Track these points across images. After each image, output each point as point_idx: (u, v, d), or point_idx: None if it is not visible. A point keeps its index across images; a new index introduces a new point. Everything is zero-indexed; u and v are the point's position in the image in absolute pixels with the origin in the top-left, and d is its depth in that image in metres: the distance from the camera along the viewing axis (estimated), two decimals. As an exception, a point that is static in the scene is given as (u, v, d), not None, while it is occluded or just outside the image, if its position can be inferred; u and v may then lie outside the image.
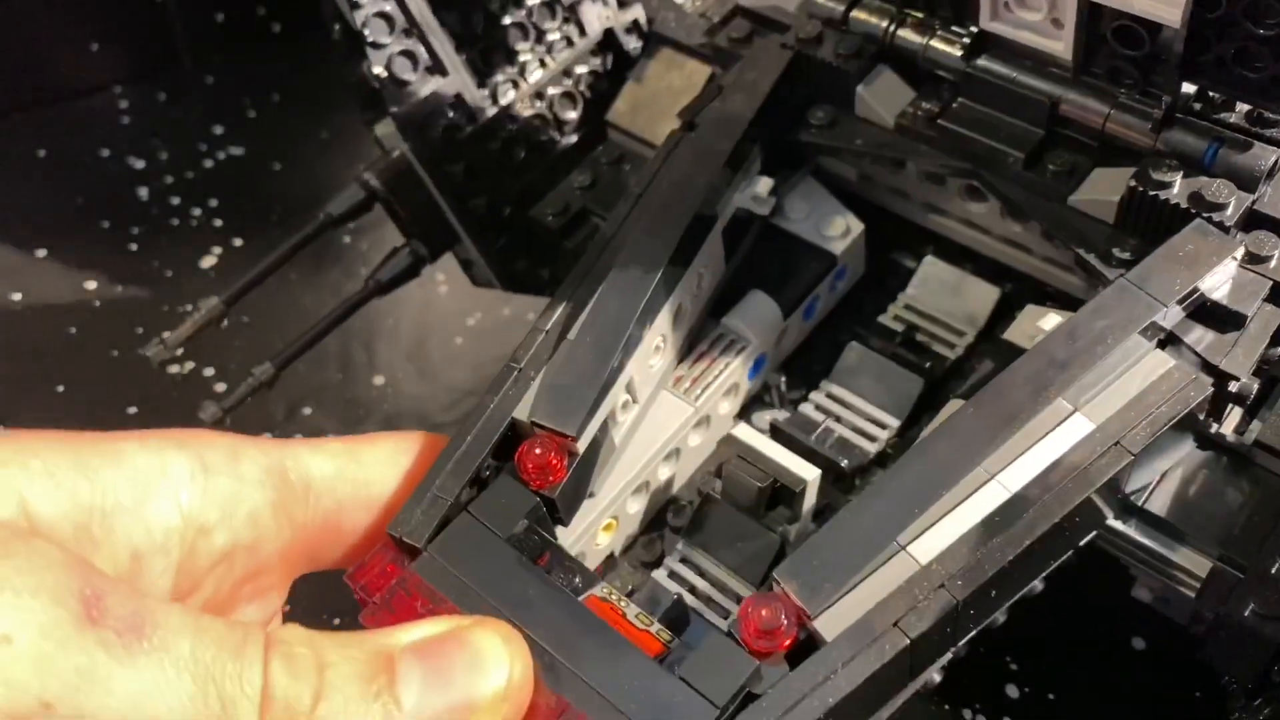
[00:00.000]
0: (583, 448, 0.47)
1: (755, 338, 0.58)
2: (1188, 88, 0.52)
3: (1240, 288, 0.49)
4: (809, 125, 0.62)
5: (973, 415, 0.44)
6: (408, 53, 0.67)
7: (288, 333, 0.73)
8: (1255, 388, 0.49)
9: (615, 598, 0.44)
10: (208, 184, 1.11)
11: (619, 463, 0.53)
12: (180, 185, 1.11)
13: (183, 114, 1.17)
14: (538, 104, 0.73)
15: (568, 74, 0.74)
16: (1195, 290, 0.48)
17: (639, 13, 0.75)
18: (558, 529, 0.48)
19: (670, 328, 0.54)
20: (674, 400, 0.55)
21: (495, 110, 0.71)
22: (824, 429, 0.57)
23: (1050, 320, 0.54)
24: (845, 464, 0.56)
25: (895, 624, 0.40)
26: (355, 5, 0.64)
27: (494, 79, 0.71)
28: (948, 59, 0.58)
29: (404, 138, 0.69)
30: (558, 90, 0.73)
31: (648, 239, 0.52)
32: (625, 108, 0.74)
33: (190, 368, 0.96)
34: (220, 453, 0.41)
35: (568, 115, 0.74)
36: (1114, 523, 0.50)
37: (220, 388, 0.94)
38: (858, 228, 0.62)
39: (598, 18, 0.74)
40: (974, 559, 0.41)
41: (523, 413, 0.46)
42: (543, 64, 0.73)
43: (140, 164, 1.12)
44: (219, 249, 1.05)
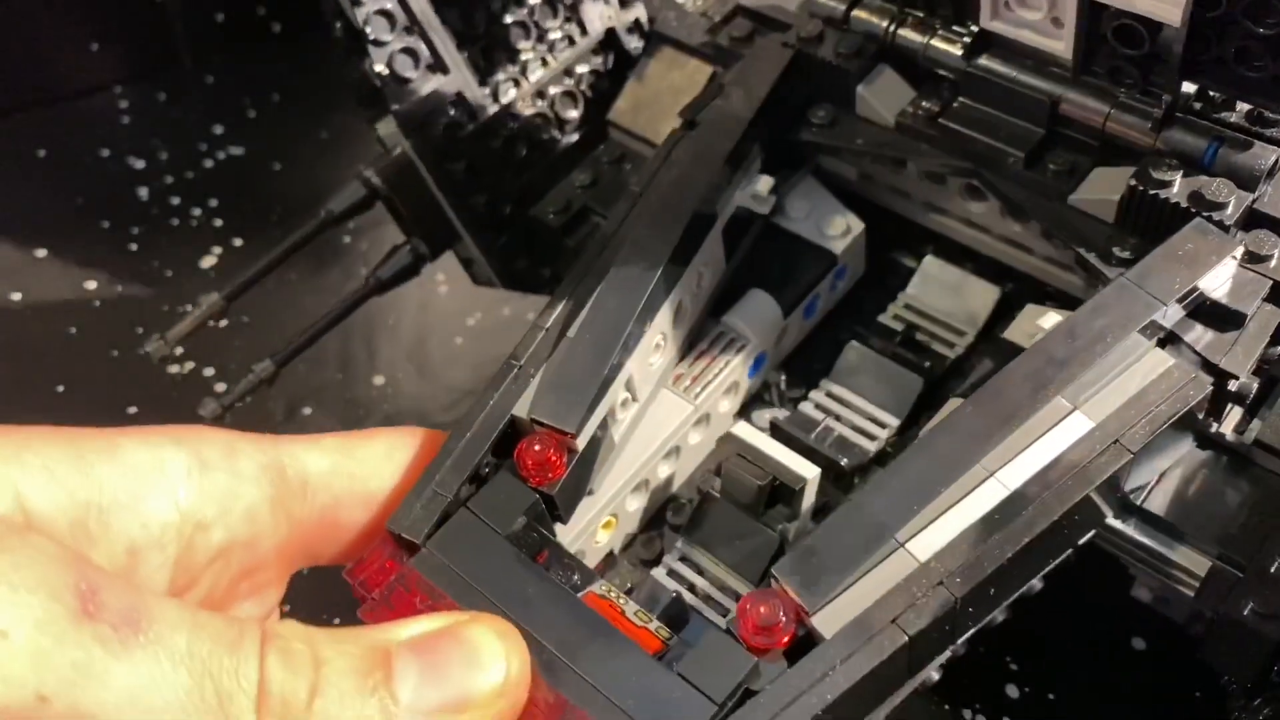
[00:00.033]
0: (582, 445, 0.47)
1: (755, 336, 0.58)
2: (1188, 87, 0.52)
3: (1240, 287, 0.49)
4: (810, 124, 0.62)
5: (972, 413, 0.44)
6: (409, 50, 0.67)
7: (287, 333, 0.73)
8: (1255, 387, 0.49)
9: (614, 595, 0.44)
10: (208, 184, 1.11)
11: (618, 460, 0.52)
12: (180, 185, 1.11)
13: (183, 114, 1.17)
14: (539, 102, 0.73)
15: (569, 73, 0.74)
16: (1195, 289, 0.48)
17: (640, 12, 0.75)
18: (557, 526, 0.48)
19: (670, 326, 0.54)
20: (674, 398, 0.55)
21: (496, 108, 0.71)
22: (823, 427, 0.57)
23: (1050, 319, 0.54)
24: (845, 462, 0.56)
25: (893, 621, 0.40)
26: (357, 3, 0.65)
27: (495, 77, 0.71)
28: (948, 58, 0.58)
29: (405, 135, 0.69)
30: (559, 89, 0.73)
31: (648, 237, 0.52)
32: (626, 107, 0.74)
33: (190, 368, 0.96)
34: (217, 449, 0.41)
35: (569, 114, 0.74)
36: (1113, 522, 0.50)
37: (220, 388, 0.94)
38: (858, 227, 0.62)
39: (599, 17, 0.74)
40: (973, 556, 0.41)
41: (522, 410, 0.46)
42: (544, 62, 0.73)
43: (140, 164, 1.13)
44: (219, 249, 1.05)
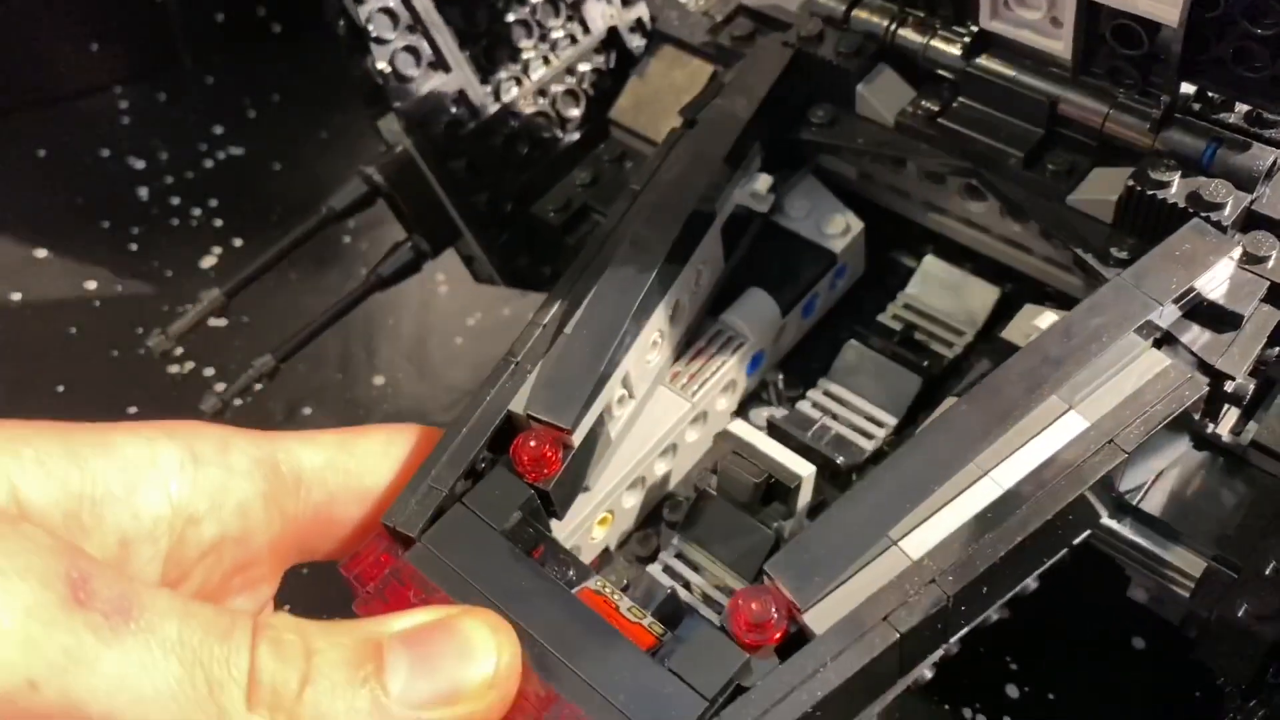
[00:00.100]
0: (578, 441, 0.47)
1: (753, 335, 0.58)
2: (1187, 88, 0.52)
3: (1237, 288, 0.49)
4: (809, 123, 0.62)
5: (966, 411, 0.44)
6: (411, 49, 0.67)
7: (287, 333, 0.73)
8: (1251, 388, 0.49)
9: (609, 591, 0.43)
10: (208, 184, 1.11)
11: (615, 457, 0.52)
12: (180, 185, 1.11)
13: (183, 114, 1.17)
14: (540, 101, 0.73)
15: (571, 71, 0.74)
16: (1192, 289, 0.48)
17: (642, 11, 0.75)
18: (553, 522, 0.48)
19: (668, 324, 0.54)
20: (671, 396, 0.55)
21: (498, 107, 0.71)
22: (820, 426, 0.57)
23: (1047, 319, 0.54)
24: (841, 461, 0.56)
25: (885, 619, 0.40)
26: (360, 1, 0.65)
27: (497, 76, 0.71)
28: (948, 58, 0.58)
29: (407, 133, 0.69)
30: (561, 87, 0.73)
31: (646, 235, 0.52)
32: (628, 105, 0.74)
33: (190, 367, 0.96)
34: (210, 444, 0.41)
35: (570, 112, 0.74)
36: (1109, 522, 0.50)
37: (220, 388, 0.94)
38: (857, 226, 0.62)
39: (601, 15, 0.74)
40: (965, 555, 0.41)
41: (519, 405, 0.46)
42: (546, 61, 0.73)
43: (140, 164, 1.12)
44: (219, 249, 1.05)
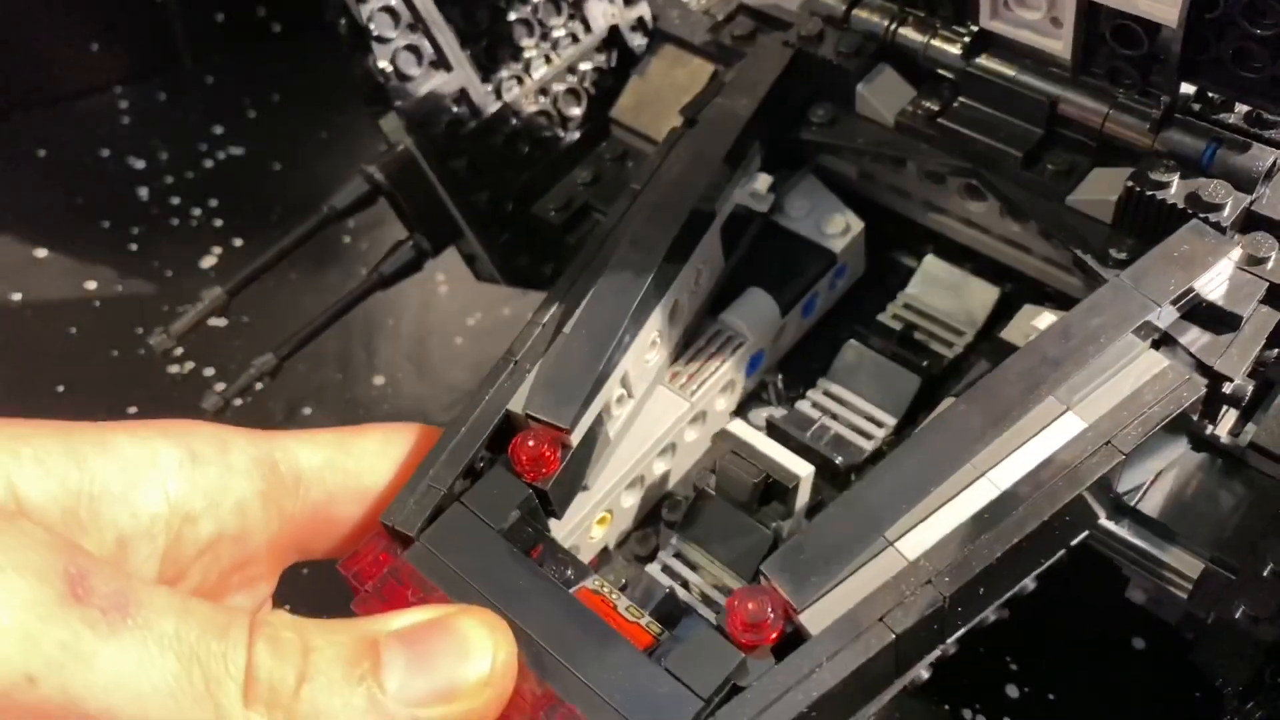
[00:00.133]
0: (576, 440, 0.47)
1: (753, 335, 0.58)
2: (1186, 88, 0.52)
3: (1236, 289, 0.49)
4: (810, 123, 0.62)
5: (964, 412, 0.44)
6: (413, 48, 0.67)
7: (287, 332, 0.72)
8: (1250, 389, 0.48)
9: (607, 590, 0.44)
10: (208, 184, 1.11)
11: (614, 457, 0.53)
12: (180, 185, 1.11)
13: (183, 114, 1.17)
14: (542, 100, 0.73)
15: (572, 70, 0.74)
16: (1190, 290, 0.48)
17: (644, 10, 0.75)
18: (552, 522, 0.48)
19: (667, 323, 0.54)
20: (670, 395, 0.55)
21: (499, 106, 0.71)
22: (820, 426, 0.57)
23: (1045, 319, 0.54)
24: (840, 461, 0.56)
25: (881, 619, 0.40)
26: (361, 0, 0.65)
27: (498, 75, 0.71)
28: (948, 58, 0.58)
29: (408, 132, 0.69)
30: (562, 86, 0.73)
31: (646, 234, 0.52)
32: (629, 104, 0.74)
33: (190, 368, 0.96)
34: (209, 443, 0.41)
35: (571, 111, 0.74)
36: (1107, 523, 0.50)
37: (220, 387, 0.94)
38: (857, 226, 0.62)
39: (603, 15, 0.74)
40: (962, 556, 0.41)
41: (517, 405, 0.46)
42: (547, 60, 0.73)
43: (140, 164, 1.12)
44: (219, 249, 1.05)
